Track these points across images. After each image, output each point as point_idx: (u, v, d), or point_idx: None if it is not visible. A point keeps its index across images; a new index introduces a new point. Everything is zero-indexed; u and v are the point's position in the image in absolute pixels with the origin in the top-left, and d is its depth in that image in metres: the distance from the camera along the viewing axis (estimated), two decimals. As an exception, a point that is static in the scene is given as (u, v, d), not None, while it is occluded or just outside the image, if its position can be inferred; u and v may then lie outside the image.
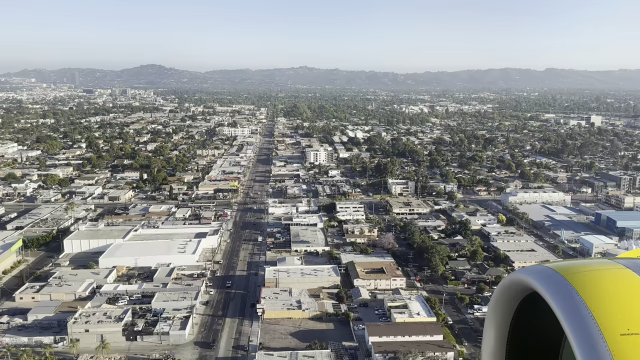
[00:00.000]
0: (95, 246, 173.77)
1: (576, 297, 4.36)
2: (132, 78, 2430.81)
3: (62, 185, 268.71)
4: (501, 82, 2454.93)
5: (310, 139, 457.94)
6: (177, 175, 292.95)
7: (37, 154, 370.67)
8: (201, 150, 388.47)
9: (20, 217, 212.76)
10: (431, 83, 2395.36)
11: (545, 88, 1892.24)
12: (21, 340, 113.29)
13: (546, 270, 4.84)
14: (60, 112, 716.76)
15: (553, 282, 4.62)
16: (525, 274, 4.97)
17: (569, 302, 4.33)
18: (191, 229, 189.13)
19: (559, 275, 4.66)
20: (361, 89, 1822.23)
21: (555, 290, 4.51)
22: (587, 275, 4.60)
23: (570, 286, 4.48)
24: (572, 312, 4.25)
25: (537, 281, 4.76)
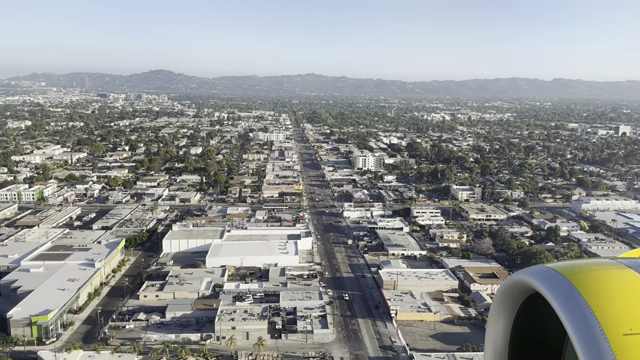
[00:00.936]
0: (194, 246, 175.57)
1: (578, 297, 4.34)
2: (141, 83, 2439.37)
3: (127, 187, 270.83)
4: (509, 91, 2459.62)
5: (347, 145, 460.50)
6: (236, 179, 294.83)
7: (83, 156, 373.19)
8: (247, 155, 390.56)
9: (100, 217, 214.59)
10: (440, 91, 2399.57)
11: (555, 98, 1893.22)
12: (169, 338, 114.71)
13: (548, 270, 4.80)
14: (85, 116, 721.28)
15: (555, 282, 4.59)
16: (527, 275, 4.93)
17: (571, 303, 4.31)
18: (281, 231, 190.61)
19: (560, 276, 4.63)
20: (370, 96, 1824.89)
21: (558, 291, 4.48)
22: (589, 276, 4.57)
23: (573, 287, 4.46)
24: (575, 312, 4.23)
25: (539, 282, 4.73)
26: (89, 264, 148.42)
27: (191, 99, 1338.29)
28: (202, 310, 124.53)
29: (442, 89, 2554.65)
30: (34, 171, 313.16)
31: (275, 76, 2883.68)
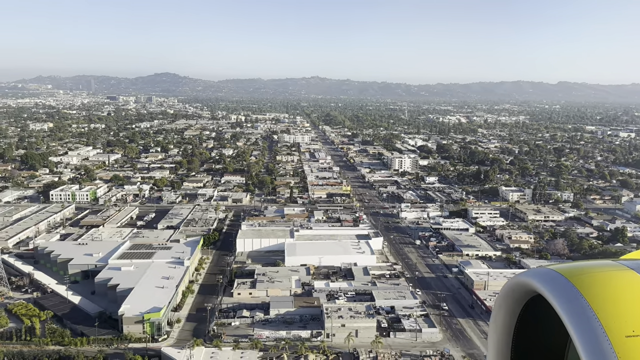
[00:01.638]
0: (266, 245, 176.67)
1: (580, 299, 4.32)
2: (146, 86, 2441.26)
3: (175, 188, 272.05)
4: (515, 94, 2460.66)
5: (375, 147, 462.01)
6: (279, 180, 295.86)
7: (118, 158, 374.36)
8: (280, 156, 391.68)
9: (160, 217, 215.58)
10: (445, 94, 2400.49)
11: (562, 101, 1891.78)
12: (280, 334, 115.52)
13: (550, 272, 4.80)
14: (104, 118, 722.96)
15: (557, 284, 4.58)
16: (529, 277, 4.94)
17: (574, 305, 4.30)
18: (348, 231, 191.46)
19: (563, 278, 4.62)
20: (377, 99, 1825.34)
21: (560, 293, 4.47)
22: (591, 278, 4.57)
23: (575, 288, 4.44)
24: (577, 314, 4.21)
25: (541, 284, 4.72)
26: (177, 262, 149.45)
27: (200, 102, 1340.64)
28: (304, 308, 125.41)
29: (447, 91, 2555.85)
30: (75, 172, 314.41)
31: (279, 79, 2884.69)
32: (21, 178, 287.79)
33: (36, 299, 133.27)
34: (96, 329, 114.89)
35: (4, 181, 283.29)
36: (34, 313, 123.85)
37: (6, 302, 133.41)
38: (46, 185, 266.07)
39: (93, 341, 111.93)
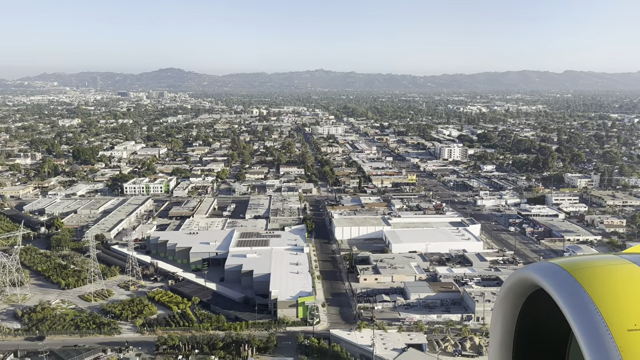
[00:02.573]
0: (364, 233, 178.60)
1: (583, 293, 4.33)
2: (152, 81, 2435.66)
3: (240, 179, 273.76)
4: (522, 84, 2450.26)
5: (412, 137, 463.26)
6: (340, 170, 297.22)
7: (164, 152, 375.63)
8: (324, 148, 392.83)
9: (242, 207, 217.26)
10: (452, 85, 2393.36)
11: (571, 90, 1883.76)
12: (431, 318, 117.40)
13: (552, 267, 4.80)
14: (128, 113, 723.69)
15: (559, 278, 4.59)
16: (531, 271, 4.95)
17: (576, 299, 4.31)
18: (440, 219, 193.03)
19: (565, 272, 4.62)
20: (383, 91, 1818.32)
21: (562, 287, 4.48)
22: (593, 272, 4.57)
23: (577, 283, 4.45)
24: (579, 308, 4.23)
25: (543, 278, 4.73)
26: (297, 249, 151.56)
27: (210, 96, 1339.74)
28: (443, 292, 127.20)
29: (453, 82, 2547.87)
30: (132, 166, 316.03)
31: (284, 73, 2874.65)
32: (82, 172, 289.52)
33: (171, 287, 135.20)
34: (255, 314, 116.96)
35: (67, 175, 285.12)
36: (177, 300, 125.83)
37: (141, 290, 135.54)
38: (114, 178, 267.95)
39: (252, 325, 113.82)
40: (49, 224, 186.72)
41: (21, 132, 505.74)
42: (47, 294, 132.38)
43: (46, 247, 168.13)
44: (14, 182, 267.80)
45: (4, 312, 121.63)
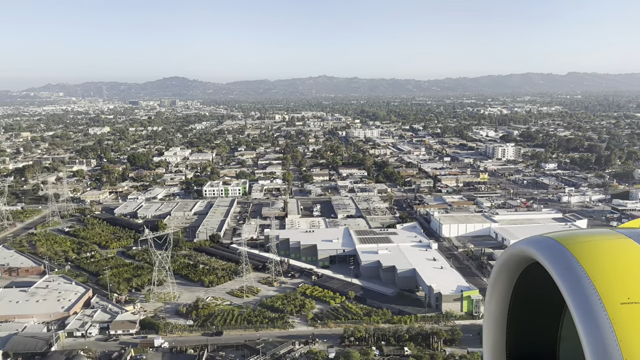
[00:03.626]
0: (471, 230, 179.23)
1: (577, 266, 4.35)
2: (157, 90, 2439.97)
3: (309, 181, 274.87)
4: (527, 86, 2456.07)
5: (452, 138, 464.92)
6: (403, 171, 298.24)
7: (213, 157, 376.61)
8: (373, 150, 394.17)
9: (328, 208, 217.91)
10: (456, 89, 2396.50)
11: (578, 91, 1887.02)
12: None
13: (547, 240, 4.82)
14: (153, 121, 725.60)
15: (554, 252, 4.61)
16: (526, 245, 4.97)
17: (570, 272, 4.33)
18: (540, 215, 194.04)
19: (560, 245, 4.64)
20: (389, 95, 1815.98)
21: (556, 260, 4.50)
22: (588, 245, 4.60)
23: (572, 256, 4.47)
24: (573, 281, 4.25)
25: (538, 251, 4.74)
26: (423, 245, 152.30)
27: (220, 104, 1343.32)
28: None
29: (458, 86, 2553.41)
30: (193, 170, 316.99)
31: (287, 79, 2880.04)
32: (148, 177, 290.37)
33: (315, 282, 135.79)
34: (422, 308, 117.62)
35: (134, 180, 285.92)
36: (330, 294, 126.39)
37: (284, 286, 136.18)
38: (185, 182, 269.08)
39: (421, 319, 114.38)
40: (152, 226, 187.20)
41: (57, 140, 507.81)
42: (193, 292, 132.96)
43: (159, 248, 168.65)
44: (85, 187, 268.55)
45: (165, 309, 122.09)
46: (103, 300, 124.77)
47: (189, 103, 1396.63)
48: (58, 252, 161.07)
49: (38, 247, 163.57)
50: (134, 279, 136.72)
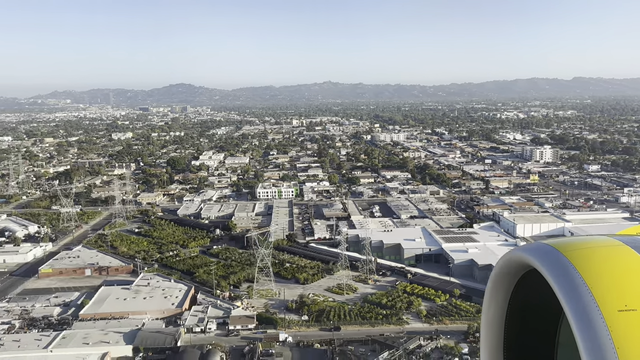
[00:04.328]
0: (545, 229, 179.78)
1: (574, 273, 4.33)
2: (163, 97, 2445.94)
3: (356, 184, 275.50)
4: (532, 91, 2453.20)
5: (481, 142, 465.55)
6: (449, 173, 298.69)
7: (248, 161, 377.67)
8: (407, 153, 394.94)
9: (385, 209, 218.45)
10: (462, 94, 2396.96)
11: (586, 96, 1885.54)
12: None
13: (544, 247, 4.80)
14: (172, 127, 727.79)
15: (551, 259, 4.58)
16: (524, 252, 4.94)
17: (567, 279, 4.30)
18: (610, 215, 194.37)
19: (557, 252, 4.61)
20: (394, 101, 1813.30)
21: (554, 267, 4.48)
22: (585, 252, 4.57)
23: (569, 263, 4.44)
24: (571, 288, 4.22)
25: (535, 258, 4.72)
26: (509, 244, 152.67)
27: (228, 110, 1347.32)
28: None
29: (463, 91, 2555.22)
30: (234, 173, 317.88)
31: (292, 85, 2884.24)
32: (195, 180, 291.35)
33: (412, 280, 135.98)
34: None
35: (180, 183, 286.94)
36: (432, 292, 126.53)
37: (379, 284, 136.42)
38: (236, 184, 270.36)
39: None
40: (223, 226, 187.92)
41: (84, 145, 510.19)
42: (291, 289, 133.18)
43: (236, 247, 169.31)
44: (134, 190, 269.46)
45: (271, 305, 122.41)
46: (209, 297, 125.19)
47: (199, 109, 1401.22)
48: (139, 251, 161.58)
49: (119, 247, 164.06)
50: (230, 276, 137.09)
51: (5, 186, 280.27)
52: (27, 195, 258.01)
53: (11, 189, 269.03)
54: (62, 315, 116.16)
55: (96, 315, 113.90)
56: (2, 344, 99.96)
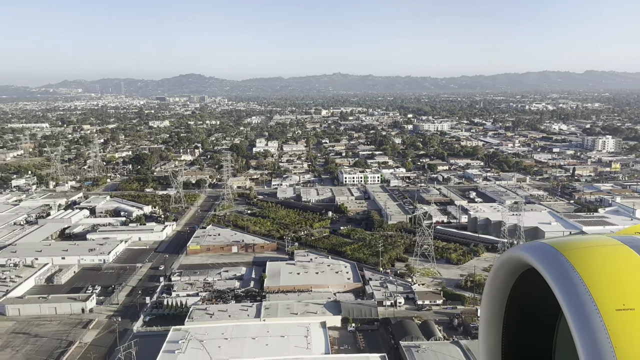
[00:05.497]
0: None
1: (573, 273, 4.36)
2: (173, 87, 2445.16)
3: (433, 170, 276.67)
4: (545, 84, 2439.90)
5: (530, 132, 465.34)
6: (523, 162, 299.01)
7: (303, 149, 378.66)
8: (465, 142, 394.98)
9: (478, 194, 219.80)
10: (474, 86, 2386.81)
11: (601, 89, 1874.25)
12: None
13: (543, 246, 4.83)
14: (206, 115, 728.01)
15: (550, 258, 4.61)
16: (522, 251, 4.96)
17: (566, 278, 4.34)
18: None
19: (555, 252, 4.65)
20: (406, 93, 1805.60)
21: (552, 266, 4.51)
22: (583, 252, 4.60)
23: (567, 262, 4.48)
24: (569, 288, 4.25)
25: (534, 257, 4.75)
26: None
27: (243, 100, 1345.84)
28: None
29: (475, 83, 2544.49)
30: (302, 160, 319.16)
31: (301, 77, 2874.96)
32: (268, 166, 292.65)
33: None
34: None
35: (255, 169, 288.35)
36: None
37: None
38: (315, 170, 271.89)
39: None
40: (335, 208, 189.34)
41: (125, 132, 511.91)
42: (445, 268, 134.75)
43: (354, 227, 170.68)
44: (213, 174, 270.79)
45: (438, 283, 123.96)
46: (375, 273, 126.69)
47: (217, 99, 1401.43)
48: (269, 230, 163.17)
49: (250, 226, 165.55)
50: (384, 255, 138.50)
51: (81, 170, 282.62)
52: (111, 179, 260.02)
53: (94, 172, 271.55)
54: (246, 288, 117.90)
55: (280, 288, 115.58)
56: (212, 313, 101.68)
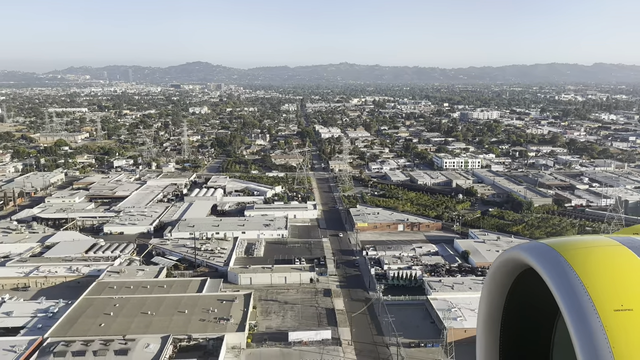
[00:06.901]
0: None
1: (571, 273, 4.35)
2: (180, 75, 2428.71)
3: (522, 156, 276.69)
4: (554, 76, 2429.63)
5: (583, 121, 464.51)
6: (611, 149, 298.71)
7: (367, 135, 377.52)
8: (530, 130, 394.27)
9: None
10: (483, 77, 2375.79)
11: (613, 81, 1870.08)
12: None
13: (542, 246, 4.79)
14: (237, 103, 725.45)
15: (548, 258, 4.59)
16: (521, 251, 4.94)
17: (564, 278, 4.33)
18: None
19: (554, 252, 4.63)
20: (415, 83, 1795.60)
21: (551, 267, 4.49)
22: (582, 252, 4.59)
23: (566, 262, 4.46)
24: (567, 288, 4.25)
25: (532, 257, 4.72)
26: None
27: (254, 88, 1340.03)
28: None
29: (483, 74, 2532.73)
30: (380, 146, 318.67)
31: (307, 66, 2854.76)
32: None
33: None
34: None
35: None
36: None
37: None
38: (407, 155, 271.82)
39: None
40: (467, 191, 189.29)
41: (173, 118, 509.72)
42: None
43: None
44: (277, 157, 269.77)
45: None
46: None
47: (232, 87, 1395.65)
48: (418, 210, 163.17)
49: (398, 206, 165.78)
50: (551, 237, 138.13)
51: (171, 152, 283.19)
52: (207, 162, 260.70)
53: (184, 155, 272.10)
54: (452, 265, 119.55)
55: (486, 265, 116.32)
56: (452, 285, 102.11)
